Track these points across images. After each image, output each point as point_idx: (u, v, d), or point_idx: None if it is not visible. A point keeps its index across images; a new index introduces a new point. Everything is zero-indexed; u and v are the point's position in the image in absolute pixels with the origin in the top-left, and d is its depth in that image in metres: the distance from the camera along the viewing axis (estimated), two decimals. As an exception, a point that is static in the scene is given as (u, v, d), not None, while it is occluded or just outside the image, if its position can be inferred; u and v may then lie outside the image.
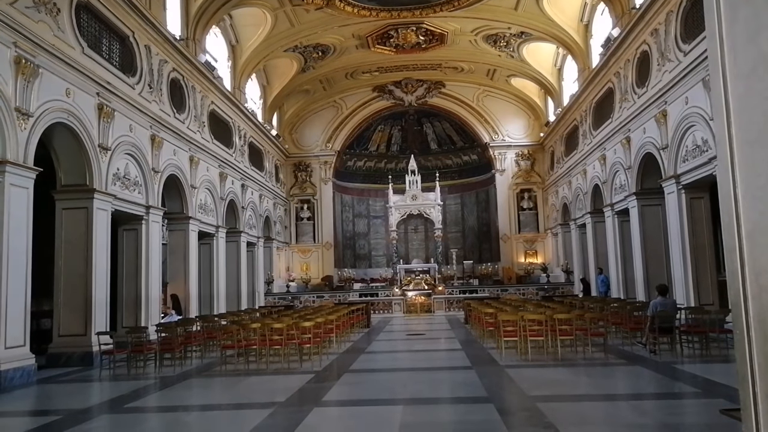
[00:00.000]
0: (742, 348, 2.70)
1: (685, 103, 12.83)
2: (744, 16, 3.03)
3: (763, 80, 2.91)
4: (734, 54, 3.15)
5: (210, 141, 17.80)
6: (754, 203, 3.12)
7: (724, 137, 3.31)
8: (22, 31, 9.36)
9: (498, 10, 19.26)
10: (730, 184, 3.36)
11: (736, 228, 3.37)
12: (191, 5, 16.40)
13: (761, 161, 3.00)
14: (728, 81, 3.23)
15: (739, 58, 3.12)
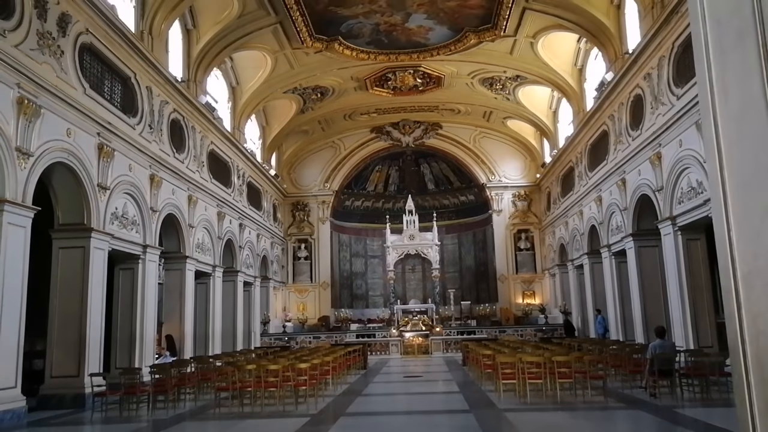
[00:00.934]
0: (742, 392, 2.68)
1: (679, 146, 12.99)
2: (733, 61, 3.10)
3: (754, 124, 2.96)
4: (725, 98, 3.22)
5: (209, 180, 17.89)
6: (749, 246, 3.14)
7: (717, 180, 3.35)
8: (25, 72, 9.51)
9: (494, 54, 19.64)
10: (725, 226, 3.39)
11: (732, 270, 3.37)
12: (193, 48, 16.71)
13: (754, 204, 3.03)
14: (720, 125, 3.29)
15: (729, 103, 3.18)
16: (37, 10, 9.91)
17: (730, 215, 3.34)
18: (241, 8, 15.97)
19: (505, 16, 17.10)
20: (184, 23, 16.45)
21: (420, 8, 17.07)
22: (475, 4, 16.87)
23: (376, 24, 17.88)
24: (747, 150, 3.04)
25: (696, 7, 3.32)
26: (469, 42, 18.84)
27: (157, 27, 14.21)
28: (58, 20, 10.51)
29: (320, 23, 17.49)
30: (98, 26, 11.69)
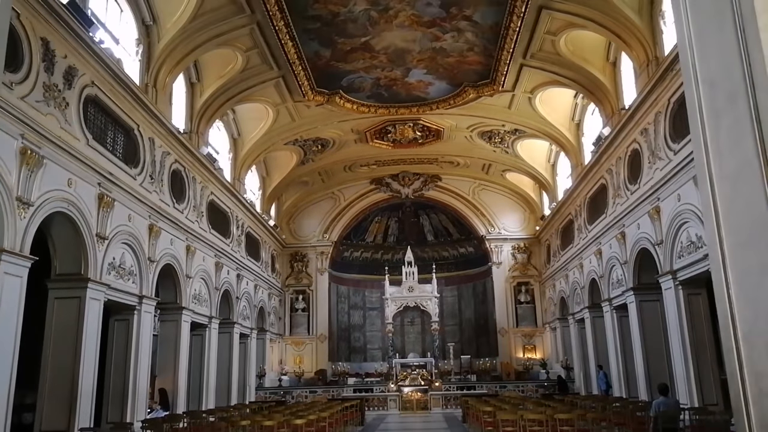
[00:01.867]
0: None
1: (677, 200, 13.04)
2: (726, 123, 3.14)
3: (749, 185, 2.97)
4: (719, 159, 3.24)
5: (207, 231, 17.90)
6: (749, 305, 3.10)
7: (715, 238, 3.34)
8: (30, 123, 9.63)
9: (492, 108, 19.97)
10: (724, 284, 3.35)
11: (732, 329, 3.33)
12: (196, 100, 16.99)
13: (752, 263, 3.02)
14: (715, 184, 3.30)
15: (724, 163, 3.20)
16: (44, 63, 10.12)
17: (728, 273, 3.31)
18: (244, 63, 16.32)
19: (503, 72, 17.46)
20: (189, 76, 16.78)
21: (420, 64, 17.46)
22: (473, 61, 17.26)
23: (377, 78, 18.25)
24: (743, 209, 3.04)
25: (689, 70, 3.39)
26: (468, 96, 19.18)
27: (161, 80, 14.48)
28: (65, 73, 10.72)
29: (322, 77, 17.85)
30: (104, 79, 11.91)
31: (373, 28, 15.50)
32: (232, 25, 14.58)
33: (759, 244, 2.87)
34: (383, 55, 16.84)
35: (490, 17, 15.09)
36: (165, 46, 14.13)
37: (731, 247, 3.24)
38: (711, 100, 3.34)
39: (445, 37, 16.06)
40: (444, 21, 15.30)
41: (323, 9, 14.57)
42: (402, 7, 14.69)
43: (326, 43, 16.13)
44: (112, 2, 13.39)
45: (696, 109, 3.59)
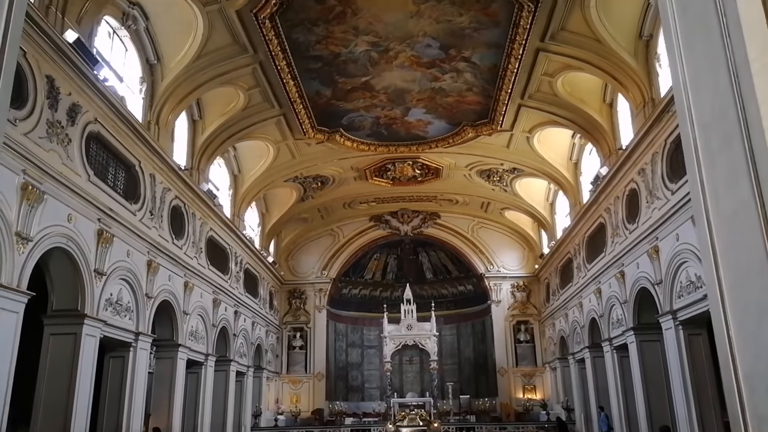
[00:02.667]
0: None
1: (676, 240, 13.06)
2: (722, 164, 3.18)
3: (746, 225, 3.00)
4: (716, 200, 3.27)
5: (206, 267, 17.85)
6: (749, 346, 3.08)
7: (713, 279, 3.34)
8: (32, 159, 9.70)
9: (491, 147, 20.16)
10: (723, 325, 3.34)
11: (733, 371, 3.30)
12: (198, 137, 17.16)
13: (751, 304, 3.01)
14: (713, 225, 3.32)
15: (721, 205, 3.23)
16: (49, 100, 10.25)
17: (728, 314, 3.31)
18: (246, 101, 16.54)
19: (501, 111, 17.70)
20: (191, 114, 16.99)
21: (419, 103, 17.70)
22: (472, 101, 17.50)
23: (377, 117, 18.47)
24: (740, 250, 3.05)
25: (684, 112, 3.45)
26: (467, 135, 19.38)
27: (164, 117, 14.65)
28: (69, 110, 10.85)
29: (322, 116, 18.07)
30: (107, 116, 12.05)
31: (374, 68, 15.76)
32: (235, 65, 14.83)
33: (757, 285, 2.88)
34: (383, 94, 17.09)
35: (489, 59, 15.37)
36: (168, 85, 14.35)
37: (730, 288, 3.24)
38: (706, 142, 3.38)
39: (445, 78, 16.33)
40: (443, 62, 15.58)
41: (324, 49, 14.84)
42: (402, 49, 14.97)
43: (327, 83, 16.38)
44: (117, 41, 13.65)
45: (692, 151, 3.63)
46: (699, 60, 3.27)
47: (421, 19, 13.89)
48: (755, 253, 2.95)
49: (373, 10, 13.54)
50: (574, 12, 13.27)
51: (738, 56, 2.86)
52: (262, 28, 13.60)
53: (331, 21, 13.81)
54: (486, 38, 14.54)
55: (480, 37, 14.52)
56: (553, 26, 13.77)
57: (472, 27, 14.11)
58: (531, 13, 13.27)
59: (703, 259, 3.14)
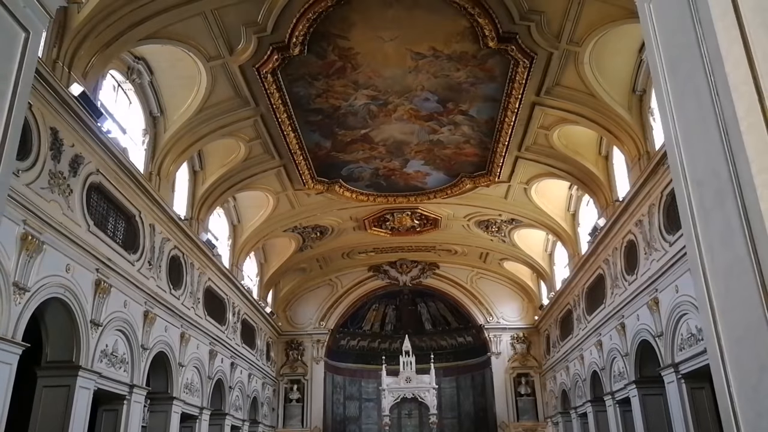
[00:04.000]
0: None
1: (675, 292, 13.01)
2: (716, 221, 3.22)
3: (742, 282, 3.01)
4: (712, 256, 3.29)
5: (203, 318, 17.69)
6: (750, 403, 3.05)
7: (712, 334, 3.33)
8: (33, 210, 9.74)
9: (489, 198, 20.31)
10: (724, 381, 3.32)
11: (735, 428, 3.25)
12: (198, 188, 17.29)
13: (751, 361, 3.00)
14: (709, 280, 3.33)
15: (716, 261, 3.25)
16: (52, 151, 10.37)
17: (728, 370, 3.28)
18: (247, 152, 16.75)
19: (498, 163, 17.91)
20: (192, 165, 17.17)
21: (418, 155, 17.93)
22: (470, 152, 17.74)
23: (376, 168, 18.68)
24: (737, 306, 3.06)
25: (677, 170, 3.51)
26: (465, 187, 19.55)
27: (165, 169, 14.81)
28: (71, 161, 10.97)
29: (322, 167, 18.27)
30: (109, 167, 12.18)
31: (373, 121, 16.04)
32: (237, 117, 15.09)
33: (756, 342, 2.88)
34: (382, 146, 17.33)
35: (486, 112, 15.66)
36: (171, 137, 14.56)
37: (729, 344, 3.24)
38: (700, 199, 3.43)
39: (443, 130, 16.60)
40: (441, 115, 15.87)
41: (325, 103, 15.14)
42: (401, 102, 15.27)
43: (327, 135, 16.63)
44: (122, 94, 13.93)
45: (686, 207, 3.68)
46: (690, 118, 3.35)
47: (420, 74, 14.23)
48: (753, 310, 2.96)
49: (373, 66, 13.88)
50: (568, 68, 13.61)
51: (727, 115, 2.93)
52: (264, 82, 13.90)
53: (332, 76, 14.14)
54: (483, 92, 14.86)
55: (477, 92, 14.84)
56: (548, 81, 14.10)
57: (469, 81, 14.45)
58: (526, 69, 13.60)
59: (701, 314, 3.16)
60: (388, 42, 13.16)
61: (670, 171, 3.69)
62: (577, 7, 11.85)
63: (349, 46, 13.25)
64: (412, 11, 12.28)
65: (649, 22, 3.81)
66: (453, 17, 12.38)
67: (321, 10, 12.00)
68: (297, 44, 12.78)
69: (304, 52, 13.03)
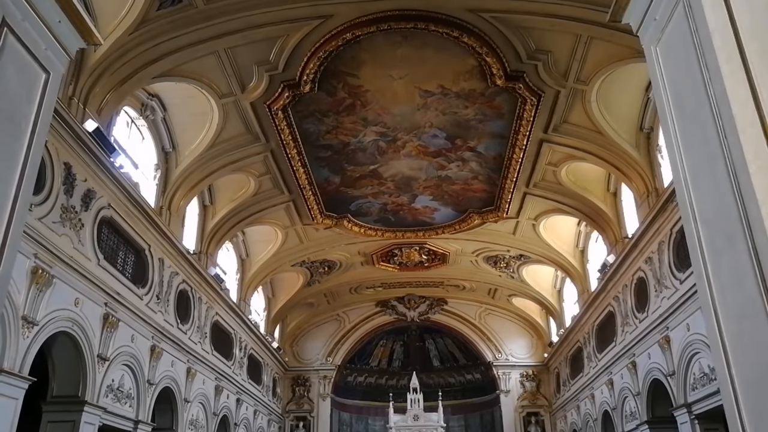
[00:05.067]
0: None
1: (687, 330, 12.84)
2: (727, 261, 3.20)
3: (755, 323, 2.98)
4: (723, 296, 3.27)
5: (210, 353, 17.58)
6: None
7: (726, 376, 3.29)
8: (44, 243, 9.82)
9: (497, 234, 20.28)
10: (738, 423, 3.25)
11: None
12: (208, 222, 17.40)
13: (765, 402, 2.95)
14: (721, 321, 3.30)
15: (728, 301, 3.23)
16: (65, 186, 10.50)
17: (742, 412, 3.23)
18: (257, 187, 16.88)
19: (506, 199, 17.94)
20: (202, 199, 17.30)
21: (426, 191, 18.01)
22: (478, 188, 17.80)
23: (384, 204, 18.76)
24: (751, 348, 3.02)
25: (686, 209, 3.52)
26: (473, 222, 19.57)
27: (176, 203, 14.93)
28: (83, 196, 11.09)
29: (331, 202, 18.37)
30: (120, 202, 12.29)
31: (382, 157, 16.18)
32: (247, 153, 15.26)
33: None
34: (391, 181, 17.44)
35: (494, 149, 15.77)
36: (182, 172, 14.72)
37: (743, 385, 3.19)
38: (710, 239, 3.42)
39: (451, 166, 16.70)
40: (449, 151, 15.98)
41: (334, 139, 15.31)
42: (409, 139, 15.42)
43: (336, 170, 16.76)
44: (135, 130, 14.15)
45: (696, 246, 3.67)
46: (698, 159, 3.37)
47: (428, 111, 14.39)
48: (766, 352, 2.92)
49: (382, 103, 14.07)
50: (575, 106, 13.73)
51: (735, 156, 2.95)
52: (274, 119, 14.10)
53: (342, 112, 14.33)
54: (491, 129, 14.99)
55: (485, 128, 14.97)
56: (555, 119, 14.21)
57: (477, 119, 14.59)
58: (534, 107, 13.74)
59: (713, 355, 3.12)
60: (397, 80, 13.37)
61: (680, 210, 3.70)
62: (584, 47, 12.03)
63: (359, 84, 13.46)
64: (421, 50, 12.50)
65: (656, 64, 3.88)
66: (461, 56, 12.58)
67: (331, 50, 12.25)
68: (308, 82, 13.00)
69: (315, 89, 13.24)
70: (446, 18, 11.64)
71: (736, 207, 3.05)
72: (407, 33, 12.02)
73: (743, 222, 2.96)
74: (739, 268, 3.04)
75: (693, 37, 3.18)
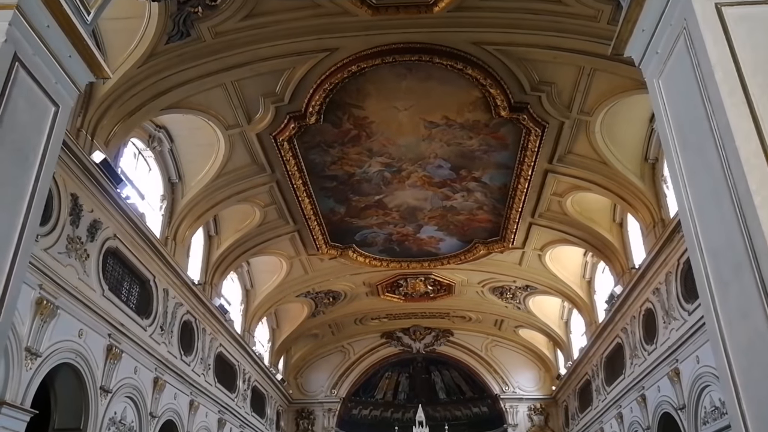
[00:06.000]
0: None
1: (696, 362, 12.66)
2: (734, 293, 3.17)
3: (764, 356, 2.94)
4: (731, 328, 3.23)
5: (213, 385, 17.41)
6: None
7: (736, 411, 3.23)
8: (49, 274, 9.82)
9: (503, 264, 20.19)
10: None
11: None
12: (213, 253, 17.40)
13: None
14: (730, 354, 3.26)
15: (735, 333, 3.19)
16: (71, 217, 10.55)
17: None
18: (262, 217, 16.92)
19: (512, 230, 17.90)
20: (207, 230, 17.34)
21: (431, 221, 18.00)
22: (483, 219, 17.78)
23: (389, 234, 18.74)
24: (762, 383, 2.97)
25: (692, 241, 3.50)
26: (479, 253, 19.49)
27: (181, 234, 14.97)
28: (89, 226, 11.14)
29: (336, 232, 18.37)
30: (126, 232, 12.33)
31: (387, 187, 16.22)
32: (253, 183, 15.33)
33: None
34: (396, 212, 17.45)
35: (499, 179, 15.80)
36: (188, 202, 14.78)
37: (754, 422, 3.13)
38: (716, 270, 3.40)
39: (456, 197, 16.71)
40: (454, 182, 16.02)
41: (339, 169, 15.38)
42: (414, 169, 15.48)
43: (341, 201, 16.81)
44: (142, 161, 14.27)
45: (703, 278, 3.64)
46: (703, 190, 3.36)
47: (433, 142, 14.48)
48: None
49: (387, 134, 14.17)
50: (579, 136, 13.78)
51: (740, 188, 2.94)
52: (280, 150, 14.20)
53: (347, 143, 14.43)
54: (495, 160, 15.04)
55: (490, 159, 15.02)
56: (560, 149, 14.26)
57: (481, 149, 14.65)
58: (538, 137, 13.80)
59: (723, 390, 3.07)
60: (402, 111, 13.48)
61: (686, 241, 3.67)
62: (587, 79, 12.13)
63: (364, 115, 13.58)
64: (426, 82, 12.63)
65: (659, 97, 3.90)
66: (465, 88, 12.70)
67: (337, 82, 12.39)
68: (313, 113, 13.12)
69: (320, 120, 13.35)
70: (450, 51, 11.80)
71: (742, 238, 3.03)
72: (412, 65, 12.17)
73: (749, 253, 2.95)
74: (747, 299, 3.01)
75: (695, 70, 3.20)
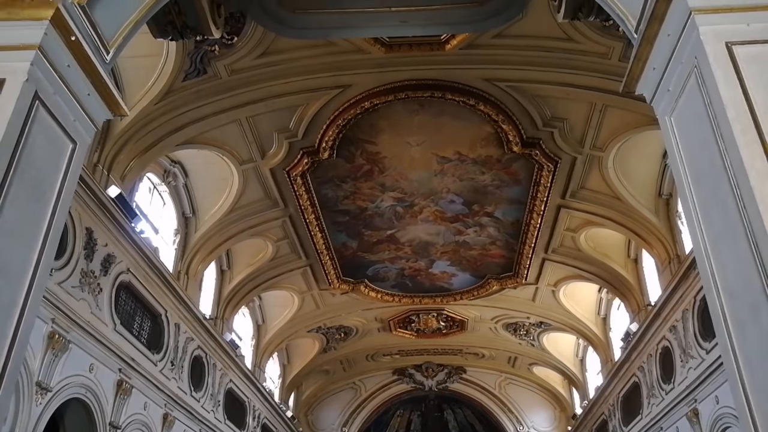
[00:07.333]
0: None
1: (716, 402, 12.34)
2: (753, 335, 3.10)
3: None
4: (750, 370, 3.15)
5: (222, 422, 17.20)
6: None
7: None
8: (62, 308, 9.84)
9: (516, 300, 19.99)
10: None
11: None
12: (225, 287, 17.40)
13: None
14: (750, 395, 3.17)
15: (755, 375, 3.11)
16: (85, 251, 10.63)
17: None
18: (274, 252, 16.95)
19: (525, 265, 17.77)
20: (220, 264, 17.37)
21: (443, 256, 17.93)
22: (496, 254, 17.69)
23: (402, 269, 18.67)
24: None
25: (708, 279, 3.44)
26: (492, 288, 19.34)
27: (194, 268, 15.01)
28: (103, 260, 11.20)
29: (348, 267, 18.34)
30: (139, 267, 12.38)
31: (399, 222, 16.23)
32: (266, 218, 15.40)
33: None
34: (408, 247, 17.42)
35: (511, 214, 15.77)
36: (201, 236, 14.86)
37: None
38: (734, 310, 3.34)
39: (468, 232, 16.67)
40: (467, 217, 16.01)
41: (352, 204, 15.44)
42: (426, 204, 15.51)
43: (354, 235, 16.82)
44: (156, 196, 14.42)
45: (720, 318, 3.58)
46: (718, 229, 3.32)
47: (445, 177, 14.52)
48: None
49: (399, 169, 14.25)
50: (592, 172, 13.76)
51: (756, 227, 2.90)
52: (293, 185, 14.30)
53: (359, 178, 14.51)
54: (508, 195, 15.04)
55: (502, 194, 15.02)
56: (572, 185, 14.23)
57: (494, 184, 14.67)
58: (551, 173, 13.80)
59: None
60: (414, 147, 13.58)
61: (701, 280, 3.62)
62: (599, 115, 12.17)
63: (377, 151, 13.68)
64: (438, 118, 12.74)
65: (671, 134, 3.89)
66: (478, 123, 12.79)
67: (350, 118, 12.53)
68: (326, 149, 13.24)
69: (333, 156, 13.47)
70: (462, 87, 11.92)
71: (759, 278, 2.99)
72: (424, 101, 12.30)
73: (767, 293, 2.89)
74: (765, 340, 2.94)
75: (707, 108, 3.20)
